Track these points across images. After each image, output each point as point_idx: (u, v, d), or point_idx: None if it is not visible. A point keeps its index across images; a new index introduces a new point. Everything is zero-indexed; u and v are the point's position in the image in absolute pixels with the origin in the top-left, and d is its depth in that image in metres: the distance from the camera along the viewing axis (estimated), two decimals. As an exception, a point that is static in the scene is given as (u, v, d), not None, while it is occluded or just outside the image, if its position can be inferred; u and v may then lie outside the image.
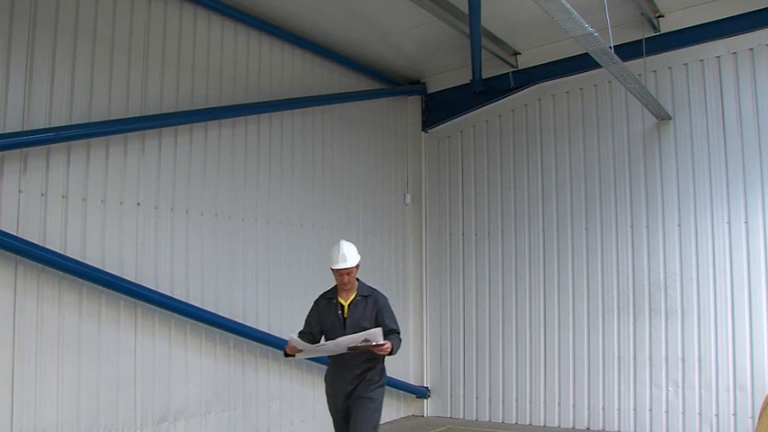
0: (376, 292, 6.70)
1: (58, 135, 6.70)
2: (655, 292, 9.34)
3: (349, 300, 6.56)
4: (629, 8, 9.14)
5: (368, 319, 6.43)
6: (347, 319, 6.48)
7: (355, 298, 6.57)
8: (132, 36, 7.64)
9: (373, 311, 6.50)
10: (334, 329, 6.48)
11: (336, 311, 6.55)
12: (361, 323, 6.39)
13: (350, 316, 6.49)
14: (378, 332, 6.05)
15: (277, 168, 9.33)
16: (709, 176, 9.06)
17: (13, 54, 6.50)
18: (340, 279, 6.52)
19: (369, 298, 6.59)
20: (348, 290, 6.59)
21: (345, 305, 6.54)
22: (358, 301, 6.56)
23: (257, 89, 9.14)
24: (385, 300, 6.66)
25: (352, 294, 6.59)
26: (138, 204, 7.56)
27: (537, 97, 10.69)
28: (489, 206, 11.05)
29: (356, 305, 6.54)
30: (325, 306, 6.66)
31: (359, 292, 6.61)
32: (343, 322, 6.47)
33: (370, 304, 6.55)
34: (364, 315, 6.47)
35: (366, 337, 6.06)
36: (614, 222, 9.78)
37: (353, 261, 6.47)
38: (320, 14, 9.40)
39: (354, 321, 6.43)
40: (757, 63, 8.80)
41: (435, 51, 10.90)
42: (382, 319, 6.45)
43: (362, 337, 6.07)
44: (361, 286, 6.66)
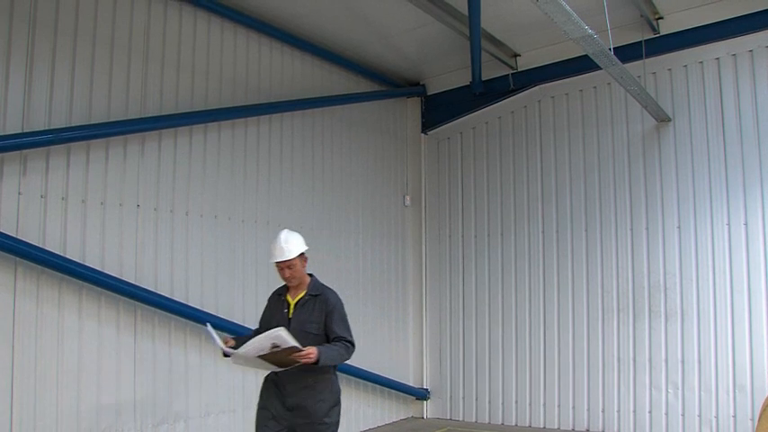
0: (328, 291, 6.00)
1: (58, 137, 6.70)
2: (654, 293, 9.34)
3: (297, 298, 5.90)
4: (629, 10, 9.14)
5: (314, 323, 5.73)
6: (292, 321, 5.76)
7: (303, 297, 5.88)
8: (132, 37, 7.64)
9: (321, 314, 5.76)
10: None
11: (283, 310, 5.91)
12: (306, 327, 5.68)
13: (295, 317, 5.79)
14: (281, 334, 5.22)
15: (277, 170, 9.32)
16: (708, 178, 9.05)
17: (12, 55, 6.50)
18: (281, 274, 5.92)
19: (318, 298, 5.87)
20: (297, 287, 5.96)
21: (292, 304, 5.89)
22: (306, 301, 5.85)
23: (257, 91, 9.14)
24: (337, 301, 5.93)
25: (302, 292, 5.92)
26: (138, 206, 7.56)
27: (537, 99, 10.69)
28: (489, 208, 11.05)
29: (303, 305, 5.84)
30: (275, 303, 6.07)
31: (308, 291, 5.92)
32: (287, 323, 5.71)
33: (318, 305, 5.82)
34: (311, 318, 5.75)
35: (273, 341, 5.25)
36: (614, 224, 9.77)
37: (293, 252, 5.90)
38: (320, 16, 9.40)
39: (299, 324, 5.70)
40: (757, 65, 8.80)
41: (435, 53, 10.90)
42: (330, 324, 5.74)
43: (269, 340, 5.27)
44: (312, 284, 6.01)
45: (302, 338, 5.44)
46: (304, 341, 5.43)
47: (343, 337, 5.75)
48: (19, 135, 6.43)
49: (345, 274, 10.31)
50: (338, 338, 5.73)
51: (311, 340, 5.58)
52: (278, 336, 5.22)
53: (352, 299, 10.28)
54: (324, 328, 5.75)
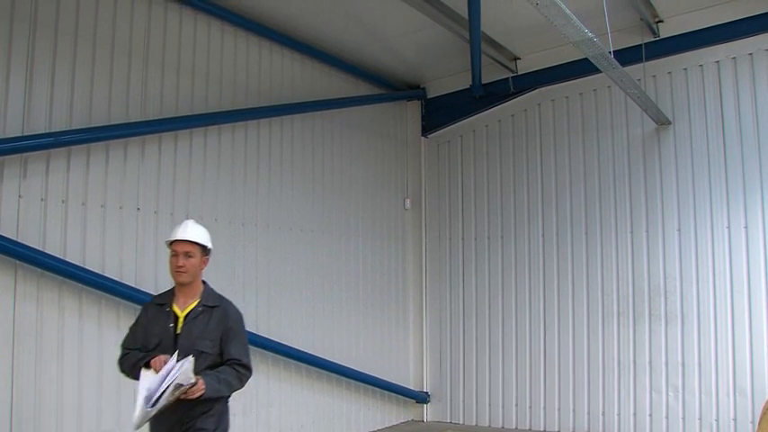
0: (227, 303, 5.05)
1: (58, 140, 6.70)
2: (654, 296, 9.33)
3: (187, 309, 4.88)
4: (629, 13, 9.15)
5: (209, 341, 4.79)
6: (180, 338, 4.76)
7: (196, 308, 4.89)
8: (132, 40, 7.65)
9: (218, 330, 4.83)
10: (161, 349, 4.72)
11: (168, 324, 4.84)
12: (199, 345, 4.74)
13: (185, 333, 4.78)
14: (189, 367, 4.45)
15: (277, 173, 9.33)
16: (708, 181, 9.05)
17: (13, 58, 6.51)
18: (174, 263, 4.93)
19: (215, 310, 4.92)
20: (185, 293, 4.95)
21: (181, 316, 4.85)
22: (199, 313, 4.86)
23: (257, 94, 9.15)
24: (238, 317, 5.03)
25: (193, 302, 4.91)
26: (138, 209, 7.56)
27: (537, 102, 10.69)
28: (489, 211, 11.05)
29: (195, 318, 4.84)
30: (155, 315, 4.95)
31: (202, 300, 4.94)
32: (174, 340, 4.76)
33: (215, 319, 4.87)
34: (205, 333, 4.79)
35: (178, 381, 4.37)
36: (614, 227, 9.77)
37: (200, 237, 5.00)
38: (320, 19, 9.41)
39: (190, 341, 4.74)
40: (757, 68, 8.80)
41: (435, 56, 10.91)
42: (226, 343, 4.83)
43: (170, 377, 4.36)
44: (207, 293, 5.03)
45: (194, 360, 4.60)
46: (196, 363, 4.59)
47: (238, 359, 4.87)
48: (19, 138, 6.43)
49: (346, 277, 10.32)
50: (232, 361, 4.85)
51: (204, 362, 4.72)
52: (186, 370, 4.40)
53: (352, 301, 10.33)
54: (218, 347, 4.83)
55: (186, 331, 4.80)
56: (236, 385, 4.93)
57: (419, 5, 8.80)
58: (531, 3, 5.98)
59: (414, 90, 11.96)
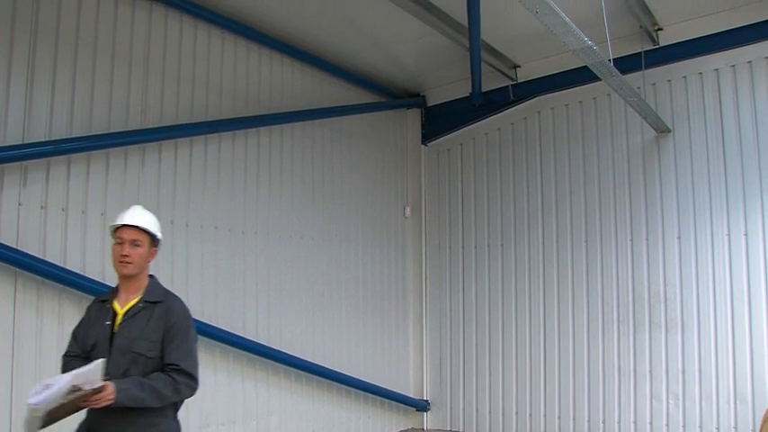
0: (172, 298, 4.58)
1: (59, 148, 6.71)
2: (655, 304, 9.33)
3: (128, 305, 4.40)
4: (629, 21, 9.16)
5: (148, 341, 4.27)
6: (116, 337, 4.27)
7: (137, 304, 4.40)
8: (133, 49, 7.67)
9: (159, 329, 4.32)
10: (97, 351, 4.24)
11: (104, 321, 4.36)
12: (136, 346, 4.23)
13: (121, 332, 4.29)
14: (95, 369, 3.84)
15: (277, 181, 9.33)
16: (708, 189, 9.05)
17: (13, 67, 6.52)
18: (117, 252, 4.44)
19: (157, 307, 4.42)
20: (129, 287, 4.47)
21: (120, 313, 4.38)
22: (140, 310, 4.37)
23: (257, 102, 9.16)
24: (184, 314, 4.53)
25: (135, 298, 4.44)
26: (138, 217, 7.55)
27: (536, 110, 10.70)
28: (489, 218, 11.06)
29: (135, 316, 4.35)
30: (97, 313, 4.48)
31: (144, 296, 4.45)
32: (109, 341, 4.27)
33: (156, 317, 4.37)
34: (144, 333, 4.28)
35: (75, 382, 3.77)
36: (614, 235, 9.77)
37: (149, 224, 4.59)
38: (321, 28, 9.43)
39: (126, 342, 4.25)
40: (756, 75, 8.81)
41: (435, 64, 10.92)
42: (167, 344, 4.30)
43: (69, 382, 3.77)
44: (151, 287, 4.56)
45: (130, 363, 4.18)
46: (133, 367, 4.17)
47: (176, 365, 4.27)
48: (19, 146, 6.44)
49: (346, 285, 10.32)
50: (169, 367, 4.27)
51: (143, 366, 4.21)
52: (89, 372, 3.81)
53: (352, 309, 10.33)
54: (158, 349, 4.28)
55: (124, 330, 4.27)
56: (170, 395, 4.26)
57: (419, 14, 8.82)
58: (531, 11, 6.00)
59: (413, 98, 11.97)
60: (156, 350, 4.28)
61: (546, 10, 5.98)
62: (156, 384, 4.17)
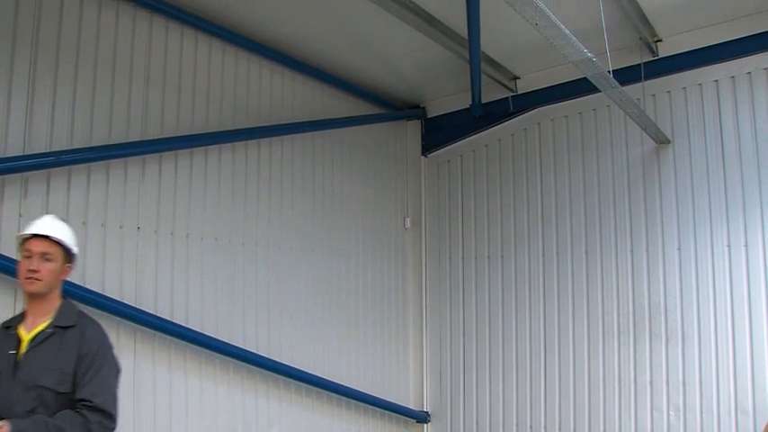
0: (87, 323, 4.05)
1: (59, 159, 6.72)
2: (655, 315, 9.31)
3: (35, 330, 3.89)
4: (628, 33, 9.18)
5: (57, 372, 3.74)
6: (19, 368, 3.75)
7: (45, 329, 3.88)
8: (133, 61, 7.69)
9: (70, 359, 3.77)
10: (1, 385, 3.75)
11: (8, 350, 3.83)
12: (43, 379, 3.71)
13: (27, 362, 3.77)
14: None
15: (277, 192, 9.34)
16: (708, 200, 9.05)
17: (14, 79, 6.54)
18: (24, 267, 3.97)
19: (69, 332, 3.87)
20: (38, 306, 3.95)
21: (25, 340, 3.87)
22: (48, 336, 3.84)
23: (257, 114, 9.18)
24: (100, 340, 3.99)
25: (44, 321, 3.92)
26: (139, 228, 7.57)
27: (536, 121, 10.71)
28: (489, 230, 11.05)
29: (42, 343, 3.82)
30: (1, 340, 3.94)
31: (54, 320, 3.92)
32: (13, 371, 3.75)
33: (67, 344, 3.81)
34: (52, 363, 3.74)
35: None
36: (614, 246, 9.76)
37: (63, 236, 4.07)
38: (321, 39, 9.46)
39: (34, 375, 3.72)
40: (755, 86, 8.82)
41: (435, 76, 10.95)
42: (81, 377, 3.75)
43: None
44: (63, 309, 4.01)
45: (37, 400, 3.64)
46: (41, 406, 3.64)
47: (89, 401, 3.70)
48: (20, 158, 6.45)
49: (346, 296, 10.32)
50: (83, 403, 3.71)
51: (54, 404, 3.66)
52: None
53: (352, 320, 10.33)
54: (70, 382, 3.72)
55: (30, 360, 3.73)
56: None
57: (419, 26, 8.84)
58: (531, 23, 6.02)
59: (414, 110, 11.98)
60: (67, 383, 3.72)
61: (546, 22, 6.01)
62: (62, 424, 3.59)
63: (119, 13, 7.59)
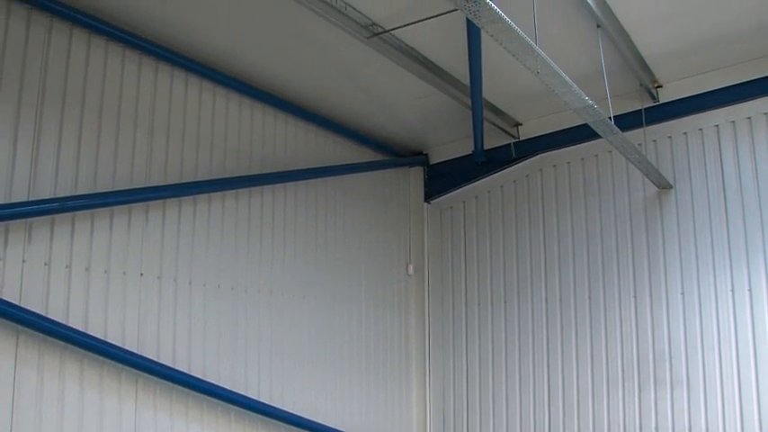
0: None
1: (64, 205, 6.75)
2: (659, 361, 9.24)
3: None
4: (628, 79, 9.26)
5: None
6: None
7: None
8: (138, 107, 7.76)
9: None
10: None
11: None
12: None
13: None
14: None
15: (279, 239, 9.35)
16: (711, 244, 9.04)
17: (21, 124, 6.60)
18: None
19: None
20: None
21: None
22: None
23: (260, 161, 9.23)
24: None
25: None
26: (142, 275, 7.56)
27: (539, 167, 10.76)
28: (492, 276, 11.03)
29: None
30: None
31: None
32: None
33: None
34: None
35: None
36: (617, 292, 9.73)
37: None
38: (323, 87, 9.55)
39: None
40: (755, 131, 8.88)
41: (437, 123, 11.03)
42: None
43: None
44: None
45: None
46: None
47: None
48: (25, 203, 6.48)
49: (348, 343, 10.26)
50: None
51: None
52: None
53: (354, 367, 10.27)
54: None
55: None
56: None
57: (422, 73, 8.95)
58: (533, 71, 6.09)
59: (416, 156, 12.05)
60: None
61: (547, 70, 6.08)
62: None
63: (124, 61, 7.68)
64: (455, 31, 8.20)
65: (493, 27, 5.43)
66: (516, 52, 5.82)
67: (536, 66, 6.01)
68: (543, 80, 6.25)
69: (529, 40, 5.66)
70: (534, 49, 5.79)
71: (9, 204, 6.36)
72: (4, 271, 6.33)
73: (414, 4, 7.68)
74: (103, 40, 7.47)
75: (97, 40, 7.41)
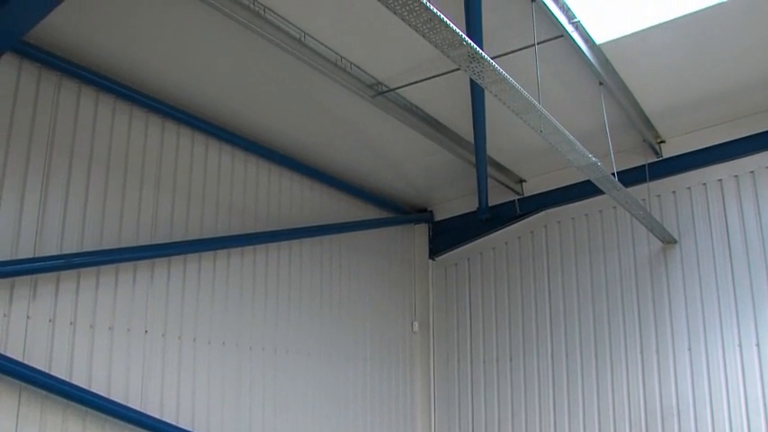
0: None
1: (69, 262, 6.76)
2: (668, 417, 9.13)
3: None
4: (631, 134, 9.34)
5: None
6: None
7: None
8: (145, 165, 7.81)
9: None
10: None
11: None
12: None
13: None
14: None
15: (284, 297, 9.33)
16: (717, 299, 9.02)
17: (28, 181, 6.64)
18: None
19: None
20: None
21: None
22: None
23: (266, 218, 9.26)
24: None
25: None
26: (146, 332, 7.53)
27: (543, 224, 10.78)
28: (497, 333, 10.98)
29: None
30: None
31: None
32: None
33: None
34: None
35: None
36: (623, 347, 9.67)
37: None
38: (328, 145, 9.63)
39: None
40: (759, 185, 8.94)
41: (442, 180, 11.09)
42: None
43: None
44: None
45: None
46: None
47: None
48: (30, 260, 6.49)
49: (353, 400, 10.17)
50: None
51: None
52: None
53: (358, 426, 10.13)
54: None
55: None
56: None
57: (426, 131, 9.03)
58: (536, 130, 6.15)
59: (421, 213, 12.09)
60: None
61: (550, 129, 6.14)
62: None
63: (132, 118, 7.76)
64: (459, 89, 8.31)
65: (496, 87, 5.50)
66: (519, 111, 5.88)
67: (539, 124, 6.08)
68: (546, 138, 6.31)
69: (532, 99, 5.72)
70: (537, 108, 5.85)
71: (15, 261, 6.37)
72: (8, 327, 6.31)
73: (418, 64, 7.79)
74: (111, 98, 7.56)
75: (105, 98, 7.50)
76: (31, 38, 6.75)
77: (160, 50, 7.34)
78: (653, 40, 7.44)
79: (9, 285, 6.36)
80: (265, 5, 6.70)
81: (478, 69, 5.16)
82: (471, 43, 4.79)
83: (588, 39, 7.33)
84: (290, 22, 6.98)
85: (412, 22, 4.41)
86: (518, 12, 6.82)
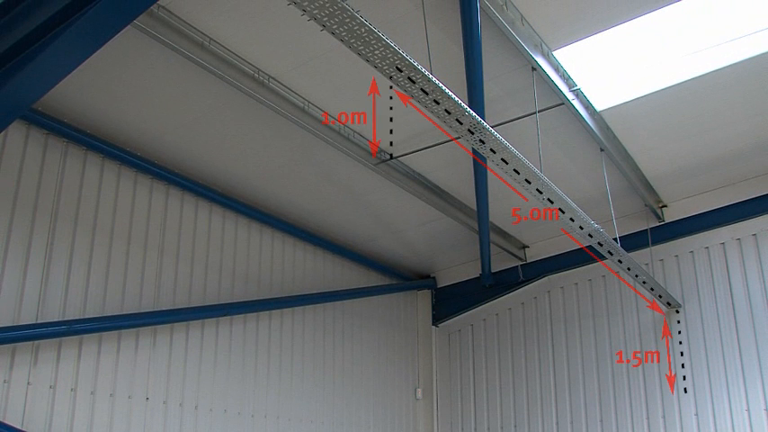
0: None
1: (71, 328, 6.74)
2: (677, 486, 9.00)
3: None
4: (633, 199, 9.39)
5: None
6: None
7: None
8: (149, 232, 7.85)
9: None
10: None
11: None
12: None
13: None
14: None
15: (287, 364, 9.27)
16: (723, 363, 8.95)
17: (32, 248, 6.67)
18: None
19: None
20: None
21: None
22: None
23: (269, 285, 9.26)
24: None
25: None
26: (147, 399, 7.47)
27: (546, 289, 10.76)
28: (502, 400, 10.86)
29: None
30: None
31: None
32: None
33: None
34: None
35: None
36: (629, 413, 9.55)
37: None
38: (332, 212, 9.68)
39: None
40: (762, 247, 8.96)
41: (445, 246, 11.10)
42: None
43: None
44: None
45: None
46: None
47: None
48: (33, 326, 6.48)
49: (357, 471, 10.04)
50: None
51: None
52: None
53: (363, 496, 9.96)
54: None
55: None
56: None
57: (429, 199, 9.08)
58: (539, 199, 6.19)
59: (424, 280, 12.07)
60: None
61: (552, 196, 6.18)
62: None
63: (136, 185, 7.82)
64: (461, 156, 8.38)
65: (498, 156, 5.55)
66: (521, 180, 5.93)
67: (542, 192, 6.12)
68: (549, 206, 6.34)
69: (534, 168, 5.78)
70: (539, 177, 5.90)
71: (17, 327, 6.35)
72: (9, 393, 6.26)
73: (420, 132, 7.88)
74: (116, 165, 7.64)
75: (110, 165, 7.58)
76: (39, 105, 6.85)
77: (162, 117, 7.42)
78: (653, 107, 7.54)
79: (10, 351, 6.33)
80: (270, 75, 6.82)
81: (480, 139, 5.21)
82: (473, 114, 4.86)
83: (589, 106, 7.43)
84: (293, 91, 7.09)
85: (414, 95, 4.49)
86: (519, 81, 6.93)
